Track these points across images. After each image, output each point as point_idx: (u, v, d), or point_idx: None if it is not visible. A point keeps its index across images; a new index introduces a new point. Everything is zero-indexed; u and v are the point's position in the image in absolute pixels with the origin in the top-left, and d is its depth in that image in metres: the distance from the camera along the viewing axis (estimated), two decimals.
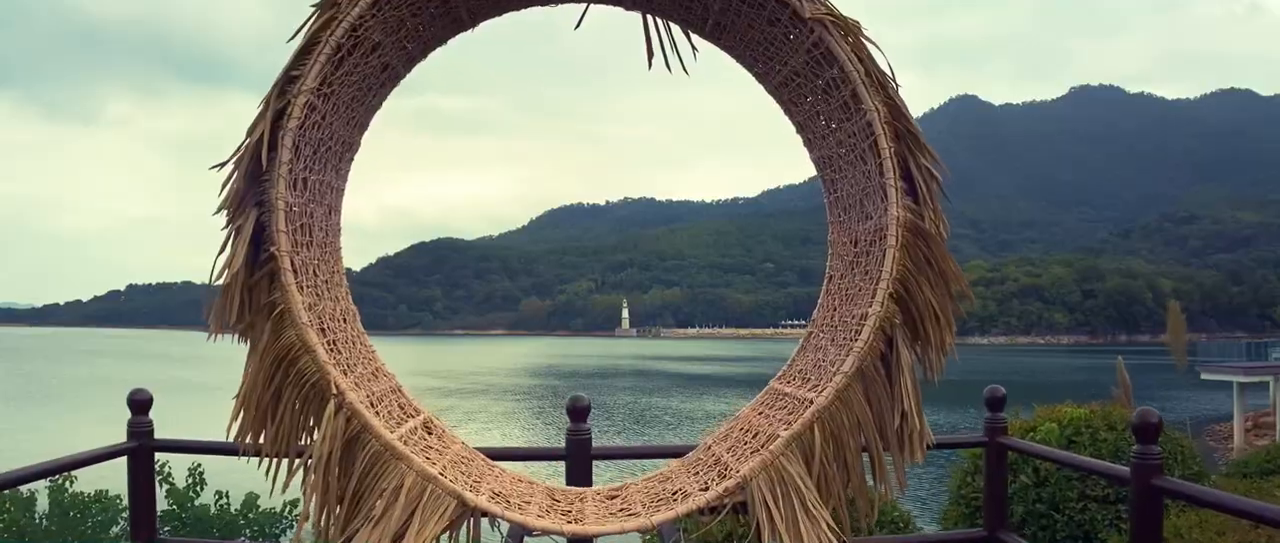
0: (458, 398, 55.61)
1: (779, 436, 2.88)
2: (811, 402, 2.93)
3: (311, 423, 2.76)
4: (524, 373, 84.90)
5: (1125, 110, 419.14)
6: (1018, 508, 6.72)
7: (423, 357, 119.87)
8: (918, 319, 3.02)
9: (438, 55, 3.23)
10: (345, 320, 3.10)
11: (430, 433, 3.05)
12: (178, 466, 8.89)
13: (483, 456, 3.13)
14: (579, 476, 4.07)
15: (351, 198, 3.29)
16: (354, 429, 2.65)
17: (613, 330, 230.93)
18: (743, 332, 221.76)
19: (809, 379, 3.16)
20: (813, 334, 3.38)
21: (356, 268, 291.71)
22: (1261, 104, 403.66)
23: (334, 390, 2.69)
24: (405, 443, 2.73)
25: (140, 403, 4.58)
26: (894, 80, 3.04)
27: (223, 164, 2.81)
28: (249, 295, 2.81)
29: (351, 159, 3.27)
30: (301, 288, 2.81)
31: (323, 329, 2.86)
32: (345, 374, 2.80)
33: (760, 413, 3.23)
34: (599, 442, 4.29)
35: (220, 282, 2.77)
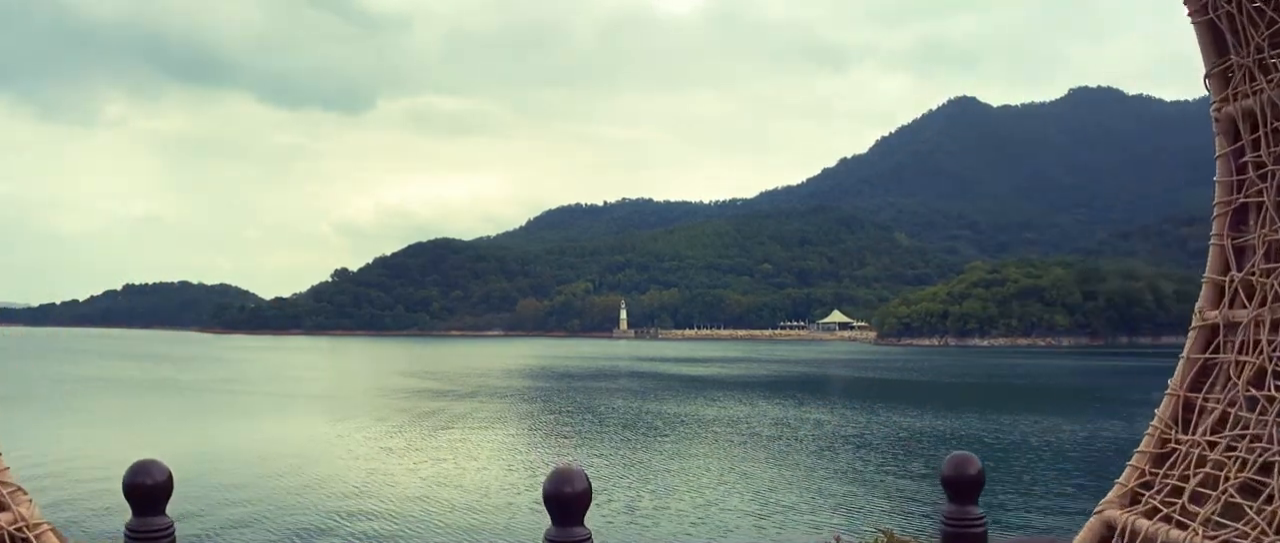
0: (448, 401, 54.72)
1: None
2: None
3: None
4: (519, 375, 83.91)
5: (1124, 112, 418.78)
6: None
7: (418, 357, 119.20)
8: None
9: (436, 55, 1.86)
10: None
11: None
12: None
13: None
14: None
15: (349, 198, 1.84)
16: None
17: (610, 331, 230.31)
18: (740, 332, 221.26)
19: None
20: (1210, 370, 1.33)
21: (353, 268, 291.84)
22: None
23: None
24: None
25: None
26: None
27: None
28: None
29: None
30: None
31: None
32: None
33: None
34: (588, 456, 2.84)
35: None
